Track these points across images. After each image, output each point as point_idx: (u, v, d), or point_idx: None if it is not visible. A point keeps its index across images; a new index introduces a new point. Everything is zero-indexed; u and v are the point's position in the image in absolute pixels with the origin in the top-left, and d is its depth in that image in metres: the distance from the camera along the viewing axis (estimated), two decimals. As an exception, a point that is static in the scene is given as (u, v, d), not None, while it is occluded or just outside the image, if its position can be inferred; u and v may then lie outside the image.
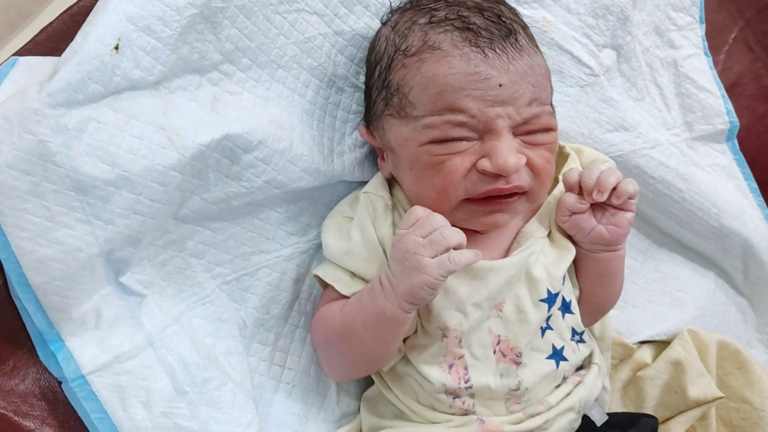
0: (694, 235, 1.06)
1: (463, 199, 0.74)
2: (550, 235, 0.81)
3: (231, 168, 0.74)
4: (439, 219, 0.69)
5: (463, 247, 0.69)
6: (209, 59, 0.72)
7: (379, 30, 0.82)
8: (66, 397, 0.68)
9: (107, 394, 0.66)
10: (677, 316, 1.04)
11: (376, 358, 0.75)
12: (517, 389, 0.75)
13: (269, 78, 0.78)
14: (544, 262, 0.77)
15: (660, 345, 1.00)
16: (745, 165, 1.12)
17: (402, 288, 0.69)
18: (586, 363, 0.84)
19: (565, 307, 0.79)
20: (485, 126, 0.71)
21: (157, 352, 0.70)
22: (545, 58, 0.93)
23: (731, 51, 1.15)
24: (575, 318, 0.80)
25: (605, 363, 0.90)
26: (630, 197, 0.74)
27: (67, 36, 0.66)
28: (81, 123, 0.62)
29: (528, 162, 0.73)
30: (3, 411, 0.65)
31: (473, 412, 0.75)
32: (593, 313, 0.84)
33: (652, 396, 0.96)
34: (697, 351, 0.98)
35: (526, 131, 0.73)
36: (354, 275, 0.77)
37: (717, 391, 0.94)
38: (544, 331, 0.77)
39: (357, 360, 0.76)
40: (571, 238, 0.80)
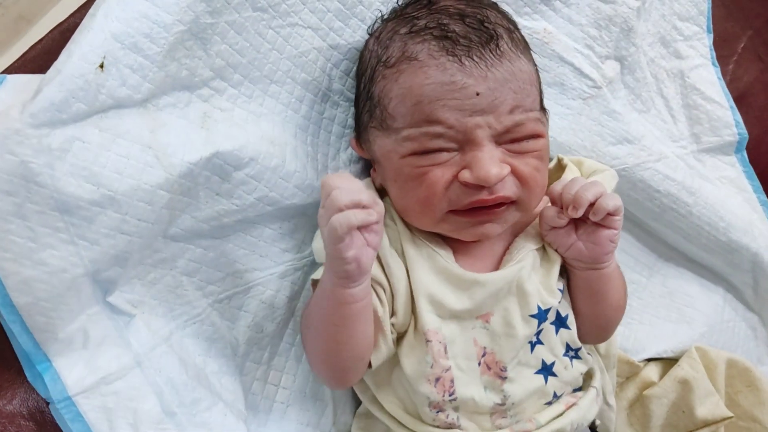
0: (701, 250, 1.04)
1: (449, 211, 0.72)
2: (543, 248, 0.78)
3: (222, 186, 0.73)
4: (334, 182, 0.64)
5: (364, 205, 0.63)
6: (199, 76, 0.72)
7: (367, 40, 0.82)
8: (54, 418, 0.66)
9: (94, 415, 0.66)
10: (685, 332, 1.02)
11: (334, 347, 0.71)
12: (503, 404, 0.74)
13: (262, 93, 0.77)
14: (537, 276, 0.76)
15: (667, 363, 0.99)
16: (755, 177, 1.10)
17: (327, 261, 0.68)
18: (585, 385, 0.82)
19: (560, 322, 0.77)
20: (464, 136, 0.70)
21: (145, 372, 0.69)
22: (546, 70, 0.93)
23: (740, 61, 1.14)
24: (571, 333, 0.78)
25: (611, 381, 0.88)
26: (611, 213, 0.71)
27: (57, 53, 0.65)
28: (65, 143, 0.62)
29: (514, 171, 0.71)
30: (-12, 433, 0.65)
31: (458, 426, 0.74)
32: (596, 329, 0.82)
33: (658, 415, 0.94)
34: (706, 369, 0.96)
35: (510, 140, 0.71)
36: None
37: (726, 411, 0.93)
38: (533, 346, 0.75)
39: (318, 348, 0.74)
40: None
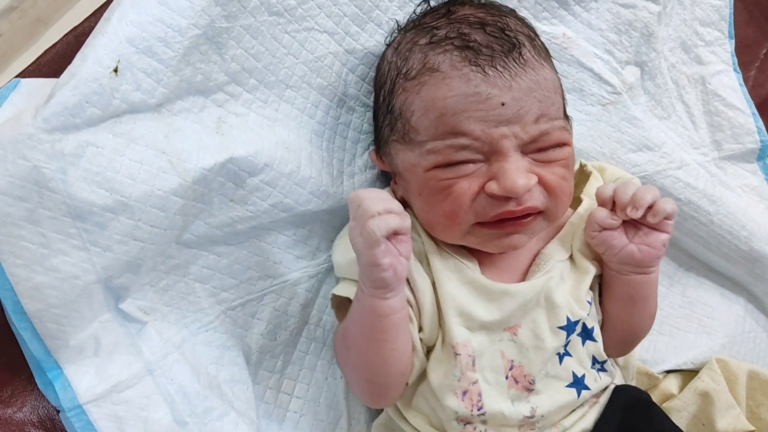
0: (723, 259, 1.03)
1: (476, 223, 0.71)
2: (571, 258, 0.77)
3: (236, 192, 0.72)
4: (361, 193, 0.65)
5: (395, 212, 0.64)
6: (214, 80, 0.71)
7: (384, 51, 0.80)
8: (65, 427, 0.66)
9: (105, 424, 0.65)
10: (705, 343, 1.01)
11: (376, 364, 0.71)
12: (532, 416, 0.72)
13: (277, 98, 0.77)
14: (565, 287, 0.74)
15: (687, 375, 0.98)
16: (777, 185, 1.08)
17: (361, 273, 0.67)
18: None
19: (587, 334, 0.76)
20: (490, 147, 0.69)
21: (157, 380, 0.68)
22: (565, 75, 0.91)
23: (762, 67, 1.12)
24: (597, 346, 0.76)
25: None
26: (666, 217, 0.70)
27: (72, 57, 0.64)
28: (78, 148, 0.61)
29: (541, 181, 0.70)
30: (-1, 440, 0.64)
31: None
32: (623, 342, 0.80)
33: (678, 428, 0.92)
34: (726, 381, 0.95)
35: (536, 149, 0.70)
36: None
37: (747, 424, 0.91)
38: (561, 358, 0.74)
39: (359, 367, 0.73)
40: (596, 259, 0.76)
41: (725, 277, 1.06)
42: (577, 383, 0.74)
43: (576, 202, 0.81)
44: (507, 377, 0.72)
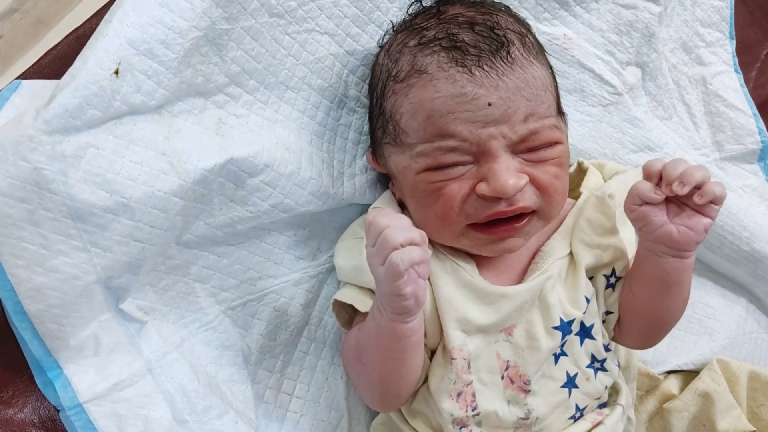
0: (724, 260, 1.02)
1: (469, 225, 0.71)
2: (570, 253, 0.76)
3: (236, 192, 0.72)
4: (383, 221, 0.62)
5: (417, 243, 0.62)
6: (214, 82, 0.71)
7: (378, 53, 0.80)
8: (65, 427, 0.66)
9: (105, 423, 0.65)
10: (706, 344, 1.00)
11: (392, 379, 0.72)
12: (527, 418, 0.72)
13: (277, 100, 0.77)
14: (561, 286, 0.74)
15: (688, 375, 0.97)
16: (779, 186, 1.08)
17: (381, 299, 0.66)
18: (610, 401, 0.80)
19: (585, 333, 0.75)
20: (479, 148, 0.68)
21: (157, 379, 0.68)
22: (566, 76, 0.91)
23: (763, 68, 1.12)
24: (596, 344, 0.76)
25: (630, 394, 0.86)
26: (714, 201, 0.66)
27: (73, 59, 0.65)
28: (78, 149, 0.61)
29: (532, 180, 0.69)
30: (0, 440, 0.64)
31: None
32: (651, 331, 0.78)
33: (679, 429, 0.93)
34: (727, 382, 0.95)
35: (526, 149, 0.70)
36: (373, 292, 0.74)
37: (748, 425, 0.91)
38: (557, 358, 0.74)
39: (374, 381, 0.73)
40: (599, 248, 0.75)
41: (727, 278, 1.06)
42: (569, 383, 0.74)
43: (577, 193, 0.80)
44: (503, 377, 0.72)
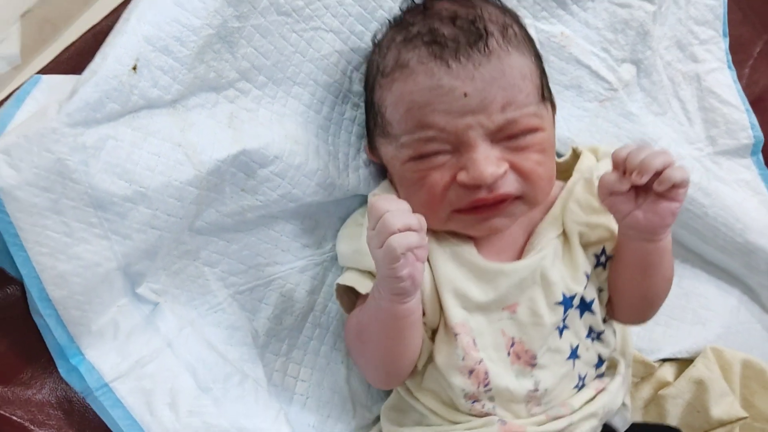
0: (718, 252, 1.04)
1: (454, 210, 0.73)
2: (564, 233, 0.78)
3: (247, 182, 0.75)
4: (383, 205, 0.64)
5: (415, 229, 0.64)
6: (226, 77, 0.74)
7: (372, 49, 0.83)
8: (82, 407, 0.68)
9: (132, 399, 0.66)
10: (700, 333, 1.02)
11: (391, 356, 0.74)
12: (536, 390, 0.75)
13: (285, 95, 0.79)
14: (560, 263, 0.76)
15: (682, 363, 0.99)
16: (771, 180, 1.09)
17: (380, 281, 0.68)
18: (609, 372, 0.82)
19: (585, 307, 0.77)
20: (457, 138, 0.70)
21: (176, 352, 0.70)
22: (563, 72, 0.93)
23: (756, 65, 1.13)
24: (595, 318, 0.78)
25: (626, 380, 0.88)
26: (676, 185, 0.66)
27: (90, 55, 0.67)
28: (99, 141, 0.64)
29: (514, 167, 0.71)
30: (20, 420, 0.66)
31: (493, 414, 0.75)
32: (639, 308, 0.81)
33: (673, 415, 0.94)
34: (721, 370, 0.96)
35: (506, 136, 0.71)
36: (373, 274, 0.76)
37: (741, 411, 0.92)
38: (561, 331, 0.76)
39: (374, 359, 0.76)
40: (589, 226, 0.77)
41: (720, 269, 1.07)
42: (573, 354, 0.77)
43: (568, 174, 0.82)
44: (509, 353, 0.74)
